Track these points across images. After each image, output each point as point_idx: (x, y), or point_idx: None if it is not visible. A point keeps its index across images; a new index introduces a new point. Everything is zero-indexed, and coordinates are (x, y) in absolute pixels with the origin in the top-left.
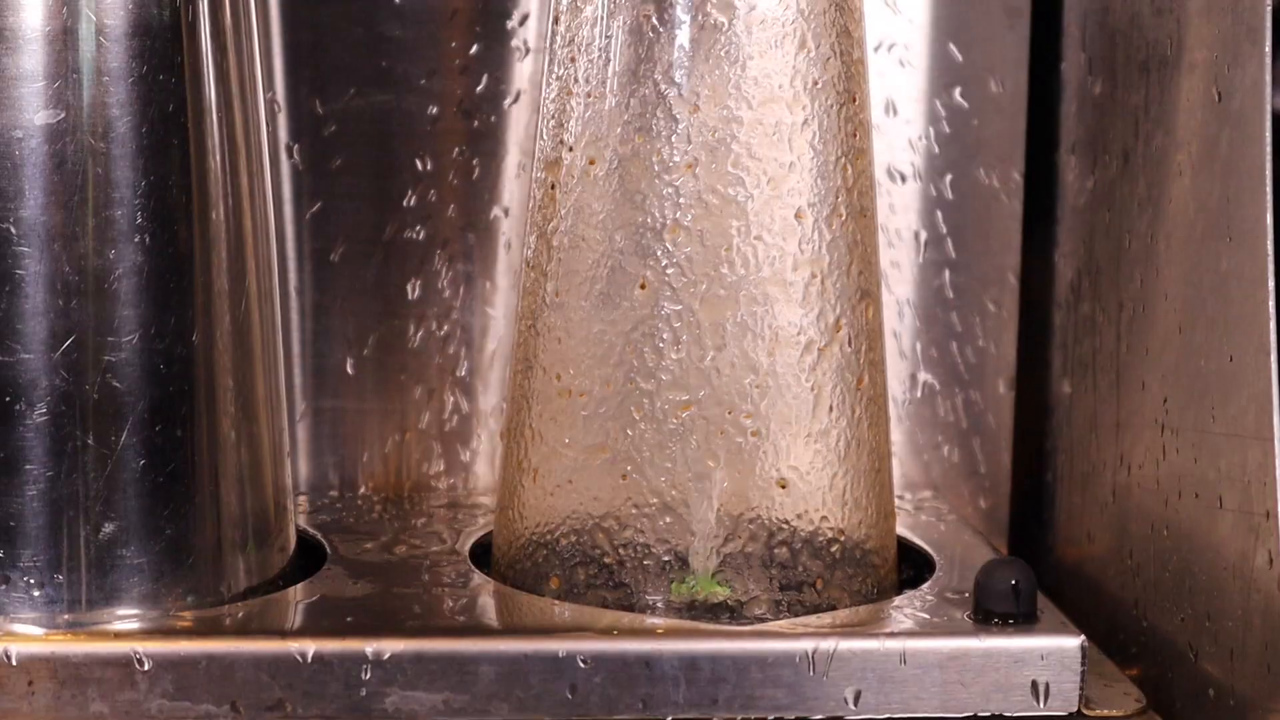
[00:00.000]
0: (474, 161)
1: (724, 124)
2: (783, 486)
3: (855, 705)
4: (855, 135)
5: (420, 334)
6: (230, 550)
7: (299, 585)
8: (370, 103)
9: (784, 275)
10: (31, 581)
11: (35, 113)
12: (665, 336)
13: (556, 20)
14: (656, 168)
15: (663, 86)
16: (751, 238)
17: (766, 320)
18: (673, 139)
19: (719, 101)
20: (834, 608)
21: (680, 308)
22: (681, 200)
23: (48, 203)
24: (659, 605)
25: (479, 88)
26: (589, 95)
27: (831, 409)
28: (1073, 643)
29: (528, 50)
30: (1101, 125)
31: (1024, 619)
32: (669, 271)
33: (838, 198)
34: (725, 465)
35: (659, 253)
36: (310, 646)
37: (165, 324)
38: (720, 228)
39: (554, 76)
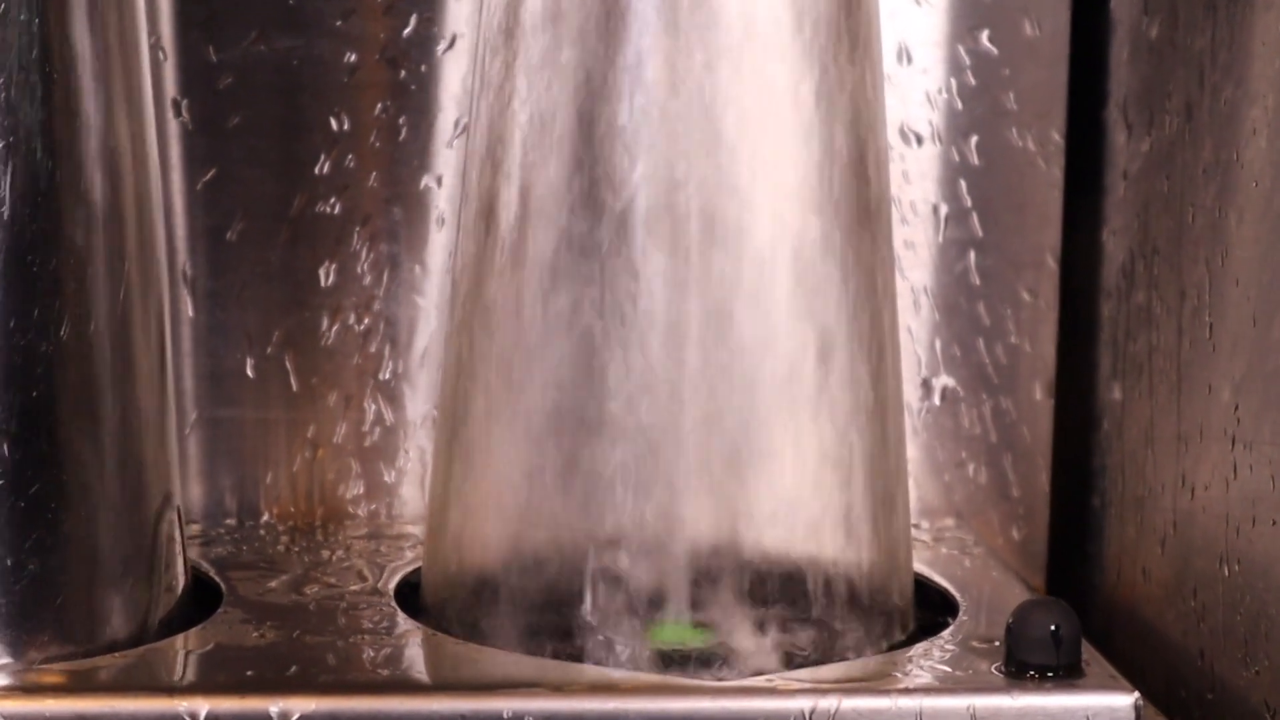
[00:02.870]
0: (400, 120)
1: (702, 69)
2: (775, 514)
3: None
4: (861, 89)
5: (335, 329)
6: (106, 590)
7: (189, 632)
8: (275, 49)
9: (774, 264)
10: None
11: None
12: (633, 333)
13: None
14: (621, 123)
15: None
16: (735, 220)
17: (753, 318)
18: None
19: (694, 43)
20: (837, 658)
21: (651, 300)
22: (651, 170)
23: None
24: (625, 656)
25: (406, 30)
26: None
27: (833, 422)
28: (1125, 700)
29: None
30: (1159, 75)
31: (1066, 672)
32: (636, 254)
33: (840, 167)
34: (706, 488)
35: (625, 232)
36: (202, 706)
37: (27, 317)
38: (699, 209)
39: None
